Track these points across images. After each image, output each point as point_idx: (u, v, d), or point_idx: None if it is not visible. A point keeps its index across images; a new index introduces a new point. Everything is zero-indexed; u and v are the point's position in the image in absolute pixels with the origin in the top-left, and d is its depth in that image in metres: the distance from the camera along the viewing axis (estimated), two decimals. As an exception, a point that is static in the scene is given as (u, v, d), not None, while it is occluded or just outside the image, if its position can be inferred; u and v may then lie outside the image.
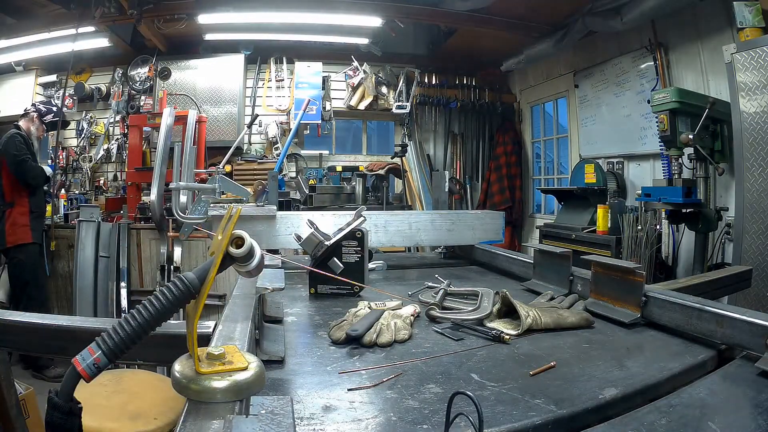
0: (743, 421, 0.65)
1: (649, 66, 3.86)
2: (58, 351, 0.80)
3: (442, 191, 2.57)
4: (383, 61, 5.38)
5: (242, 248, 0.57)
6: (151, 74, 4.96)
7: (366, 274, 1.31)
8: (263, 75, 5.33)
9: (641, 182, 3.88)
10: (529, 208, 5.78)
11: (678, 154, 2.90)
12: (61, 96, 4.53)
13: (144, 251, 4.00)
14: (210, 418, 0.44)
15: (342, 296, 1.28)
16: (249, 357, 0.53)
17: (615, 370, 0.79)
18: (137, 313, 0.53)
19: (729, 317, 0.87)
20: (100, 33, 4.35)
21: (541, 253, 1.40)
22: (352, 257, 1.29)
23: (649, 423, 0.62)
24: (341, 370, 0.78)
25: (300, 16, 4.23)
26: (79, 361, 0.53)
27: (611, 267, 1.11)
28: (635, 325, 1.02)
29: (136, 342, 0.53)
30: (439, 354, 0.86)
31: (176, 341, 0.72)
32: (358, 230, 1.29)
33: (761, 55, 2.52)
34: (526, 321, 0.97)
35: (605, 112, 4.43)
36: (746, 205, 2.63)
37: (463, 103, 5.60)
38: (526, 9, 4.20)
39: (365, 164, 5.03)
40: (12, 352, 0.83)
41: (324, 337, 0.95)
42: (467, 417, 0.48)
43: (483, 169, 5.79)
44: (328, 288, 1.29)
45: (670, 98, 2.76)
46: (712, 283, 1.30)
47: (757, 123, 2.56)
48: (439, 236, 1.78)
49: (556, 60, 4.94)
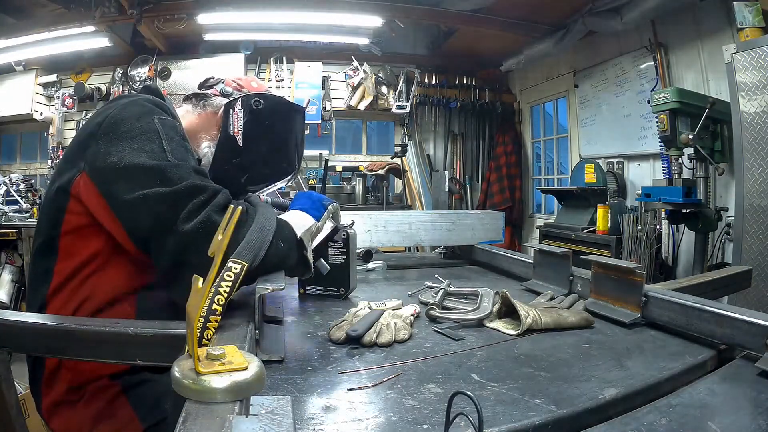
0: (743, 421, 0.65)
1: (649, 66, 3.86)
2: (58, 351, 0.80)
3: (442, 191, 2.58)
4: (383, 61, 5.38)
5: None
6: (151, 74, 4.96)
7: (353, 277, 1.29)
8: (263, 75, 5.33)
9: (641, 182, 3.88)
10: (529, 208, 5.78)
11: (678, 154, 2.90)
12: (60, 96, 4.53)
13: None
14: (210, 418, 0.44)
15: (329, 297, 1.27)
16: (249, 357, 0.52)
17: (615, 370, 0.79)
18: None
19: (729, 317, 0.87)
20: (100, 33, 4.34)
21: (541, 253, 1.40)
22: (338, 258, 1.27)
23: (649, 423, 0.62)
24: (341, 370, 0.78)
25: (300, 15, 4.24)
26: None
27: (611, 267, 1.11)
28: (635, 325, 1.03)
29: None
30: (439, 354, 0.86)
31: (176, 341, 0.72)
32: (344, 231, 1.27)
33: (761, 55, 2.52)
34: (526, 321, 0.97)
35: (605, 112, 4.43)
36: (746, 205, 2.63)
37: (463, 103, 5.60)
38: (526, 9, 4.19)
39: (365, 164, 5.04)
40: (12, 352, 0.83)
41: (324, 337, 0.95)
42: (467, 417, 0.48)
43: (483, 169, 5.79)
44: (316, 289, 1.29)
45: (670, 98, 2.76)
46: (712, 283, 1.30)
47: (757, 123, 2.57)
48: (439, 236, 1.78)
49: (556, 60, 4.94)
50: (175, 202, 0.84)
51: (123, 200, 0.86)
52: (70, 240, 0.94)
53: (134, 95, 1.02)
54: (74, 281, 0.93)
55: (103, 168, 0.88)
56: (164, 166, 0.86)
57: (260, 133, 1.14)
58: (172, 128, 0.94)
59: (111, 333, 0.75)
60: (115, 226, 0.89)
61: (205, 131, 1.15)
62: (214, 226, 0.82)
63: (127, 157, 0.87)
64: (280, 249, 0.89)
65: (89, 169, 0.90)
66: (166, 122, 0.93)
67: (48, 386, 0.93)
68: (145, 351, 0.77)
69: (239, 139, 1.11)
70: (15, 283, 3.96)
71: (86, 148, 0.92)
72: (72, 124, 5.04)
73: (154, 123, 0.91)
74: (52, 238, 0.94)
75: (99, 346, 0.76)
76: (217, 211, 0.85)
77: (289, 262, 0.93)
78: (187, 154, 0.92)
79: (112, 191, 0.87)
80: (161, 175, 0.85)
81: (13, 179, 4.56)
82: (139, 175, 0.86)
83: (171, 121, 0.96)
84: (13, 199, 4.41)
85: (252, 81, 1.24)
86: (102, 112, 0.96)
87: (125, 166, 0.86)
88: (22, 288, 3.98)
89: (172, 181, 0.85)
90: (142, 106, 0.95)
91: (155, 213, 0.84)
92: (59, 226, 0.94)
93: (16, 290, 3.96)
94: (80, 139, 0.95)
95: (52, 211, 0.95)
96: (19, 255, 4.00)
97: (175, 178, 0.85)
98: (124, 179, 0.86)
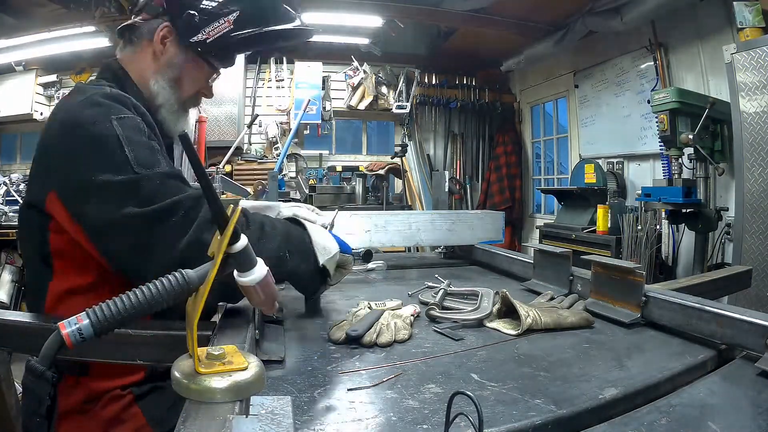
0: (743, 421, 0.65)
1: (649, 66, 3.86)
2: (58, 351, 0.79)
3: (442, 191, 2.58)
4: (383, 61, 5.38)
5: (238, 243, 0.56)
6: (151, 74, 4.96)
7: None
8: (263, 75, 5.33)
9: (641, 182, 3.88)
10: (529, 208, 5.78)
11: (678, 154, 2.90)
12: (60, 96, 4.54)
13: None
14: (210, 418, 0.44)
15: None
16: (249, 357, 0.53)
17: (615, 370, 0.79)
18: (132, 295, 0.53)
19: (729, 317, 0.86)
20: (100, 33, 4.35)
21: (541, 253, 1.40)
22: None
23: (649, 423, 0.62)
24: (341, 370, 0.78)
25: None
26: (65, 325, 0.50)
27: (611, 267, 1.11)
28: (635, 325, 1.02)
29: (124, 322, 0.52)
30: (439, 354, 0.86)
31: (176, 341, 0.72)
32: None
33: (761, 55, 2.52)
34: (526, 321, 0.97)
35: (605, 112, 4.43)
36: (746, 205, 2.64)
37: (463, 103, 5.61)
38: (526, 9, 4.20)
39: (365, 164, 5.04)
40: (12, 352, 0.83)
41: (324, 337, 0.95)
42: (467, 417, 0.48)
43: (483, 169, 5.79)
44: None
45: (670, 98, 2.76)
46: (712, 283, 1.30)
47: (757, 123, 2.57)
48: (439, 236, 1.78)
49: (556, 60, 4.94)
50: (151, 224, 0.77)
51: (93, 225, 0.80)
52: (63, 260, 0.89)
53: (89, 88, 0.93)
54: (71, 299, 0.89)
55: (70, 187, 0.83)
56: (133, 181, 0.79)
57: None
58: (132, 128, 0.85)
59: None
60: (90, 247, 0.83)
61: (146, 66, 1.02)
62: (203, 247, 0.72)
63: (89, 174, 0.79)
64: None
65: (57, 186, 0.84)
66: (125, 122, 0.85)
67: (63, 395, 0.90)
68: (144, 351, 0.77)
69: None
70: (15, 283, 3.96)
71: (49, 161, 0.86)
72: (72, 124, 5.03)
73: (113, 127, 0.82)
74: (42, 257, 0.89)
75: (99, 346, 0.76)
76: (206, 229, 0.78)
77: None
78: (153, 156, 0.84)
79: (83, 213, 0.81)
80: (131, 192, 0.78)
81: (13, 179, 4.56)
82: (106, 194, 0.78)
83: (131, 119, 0.87)
84: (13, 199, 4.41)
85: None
86: (57, 115, 0.89)
87: (90, 186, 0.79)
88: (22, 288, 3.98)
89: (146, 198, 0.78)
90: (98, 106, 0.86)
91: (131, 238, 0.78)
92: (47, 245, 0.88)
93: (16, 290, 3.96)
94: (43, 150, 0.89)
95: (33, 232, 0.89)
96: (19, 255, 4.00)
97: (147, 194, 0.78)
98: (92, 200, 0.79)
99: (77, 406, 0.90)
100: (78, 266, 0.88)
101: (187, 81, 1.05)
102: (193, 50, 1.01)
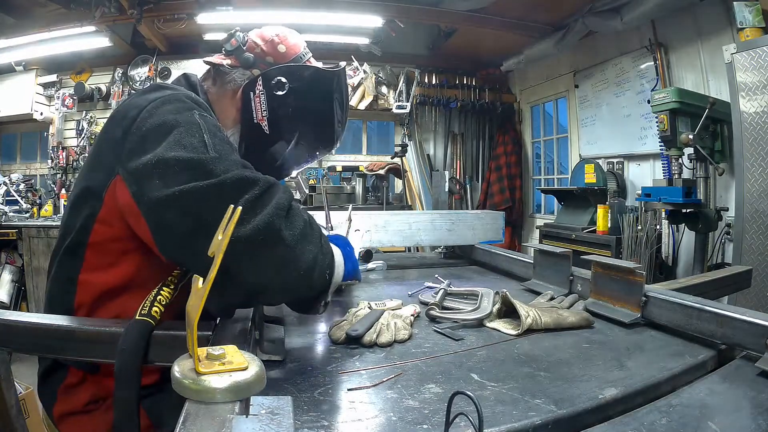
0: (743, 421, 0.65)
1: (649, 66, 3.86)
2: (58, 351, 0.80)
3: (442, 191, 2.58)
4: (383, 61, 5.38)
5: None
6: (151, 74, 4.96)
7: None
8: (263, 75, 5.32)
9: (641, 182, 3.88)
10: (529, 208, 5.78)
11: (678, 154, 2.90)
12: (60, 96, 4.53)
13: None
14: (210, 418, 0.44)
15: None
16: (249, 357, 0.52)
17: (615, 370, 0.79)
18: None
19: (729, 317, 0.87)
20: (100, 33, 4.35)
21: (541, 253, 1.40)
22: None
23: (649, 423, 0.62)
24: (341, 370, 0.78)
25: (300, 15, 4.24)
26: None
27: (611, 267, 1.11)
28: (635, 325, 1.02)
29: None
30: (439, 354, 0.86)
31: (176, 341, 0.72)
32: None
33: (761, 55, 2.52)
34: (526, 321, 0.97)
35: (605, 112, 4.43)
36: (746, 205, 2.64)
37: (463, 103, 5.60)
38: (526, 9, 4.20)
39: (365, 164, 5.04)
40: (12, 352, 0.83)
41: (324, 337, 0.95)
42: (467, 417, 0.48)
43: (483, 169, 5.79)
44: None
45: (670, 98, 2.76)
46: (712, 283, 1.30)
47: (757, 123, 2.57)
48: (439, 236, 1.78)
49: (556, 60, 4.94)
50: (219, 198, 0.70)
51: (152, 199, 0.73)
52: (97, 254, 0.86)
53: (172, 88, 0.92)
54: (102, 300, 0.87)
55: (135, 167, 0.77)
56: (204, 159, 0.74)
57: (291, 115, 1.00)
58: (214, 125, 0.83)
59: (111, 333, 0.75)
60: (144, 231, 0.77)
61: (227, 115, 1.02)
62: (276, 235, 0.70)
63: (161, 152, 0.75)
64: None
65: (123, 171, 0.80)
66: (207, 119, 0.83)
67: (67, 394, 0.90)
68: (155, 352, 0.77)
69: (265, 126, 1.00)
70: (15, 283, 3.96)
71: (121, 148, 0.81)
72: (72, 124, 5.04)
73: (195, 116, 0.81)
74: (77, 244, 0.87)
75: (99, 345, 0.76)
76: (282, 216, 0.73)
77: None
78: (231, 150, 0.80)
79: (142, 190, 0.75)
80: (200, 168, 0.73)
81: (13, 179, 4.57)
82: (172, 169, 0.73)
83: (213, 119, 0.86)
84: (13, 199, 4.42)
85: (280, 42, 1.05)
86: (136, 104, 0.85)
87: (158, 161, 0.74)
88: (22, 288, 3.98)
89: (214, 173, 0.72)
90: (183, 102, 0.85)
91: (192, 212, 0.71)
92: (87, 234, 0.86)
93: (16, 290, 3.96)
94: (115, 137, 0.83)
95: (81, 215, 0.86)
96: (19, 255, 4.00)
97: (217, 171, 0.73)
98: (155, 176, 0.73)
99: (82, 408, 0.90)
100: (109, 263, 0.86)
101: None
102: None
